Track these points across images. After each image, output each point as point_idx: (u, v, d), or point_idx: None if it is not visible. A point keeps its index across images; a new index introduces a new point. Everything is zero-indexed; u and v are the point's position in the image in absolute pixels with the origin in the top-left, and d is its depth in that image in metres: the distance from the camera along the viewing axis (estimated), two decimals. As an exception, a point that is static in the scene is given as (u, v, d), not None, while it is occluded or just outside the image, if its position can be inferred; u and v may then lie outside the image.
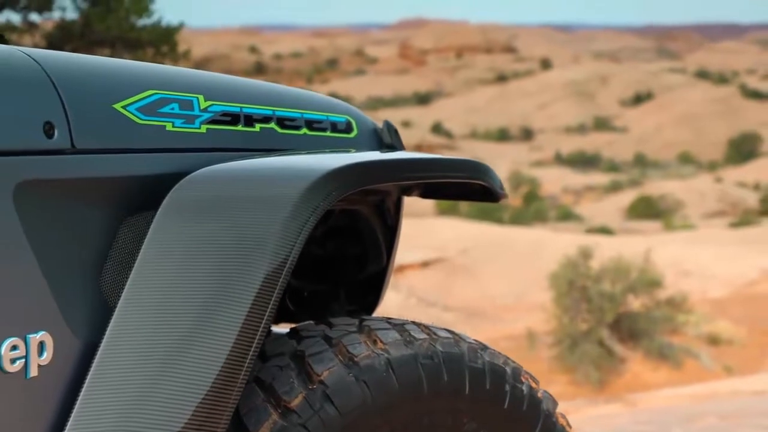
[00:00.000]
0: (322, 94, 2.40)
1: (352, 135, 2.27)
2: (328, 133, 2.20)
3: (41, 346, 1.58)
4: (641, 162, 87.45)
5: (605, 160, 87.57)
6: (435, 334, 2.00)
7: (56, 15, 10.77)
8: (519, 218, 45.06)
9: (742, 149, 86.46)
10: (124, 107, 1.77)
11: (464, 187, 2.26)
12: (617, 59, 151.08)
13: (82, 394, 1.63)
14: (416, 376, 1.90)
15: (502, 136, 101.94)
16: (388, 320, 2.06)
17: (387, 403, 1.87)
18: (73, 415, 1.62)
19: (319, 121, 2.19)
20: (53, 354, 1.59)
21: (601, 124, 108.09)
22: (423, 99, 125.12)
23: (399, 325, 2.01)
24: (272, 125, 2.06)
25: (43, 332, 1.58)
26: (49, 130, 1.64)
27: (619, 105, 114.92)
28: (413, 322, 2.08)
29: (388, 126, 2.40)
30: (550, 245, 21.30)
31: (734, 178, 70.21)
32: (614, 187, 68.36)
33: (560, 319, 14.09)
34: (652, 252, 15.68)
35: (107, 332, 1.65)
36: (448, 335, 2.02)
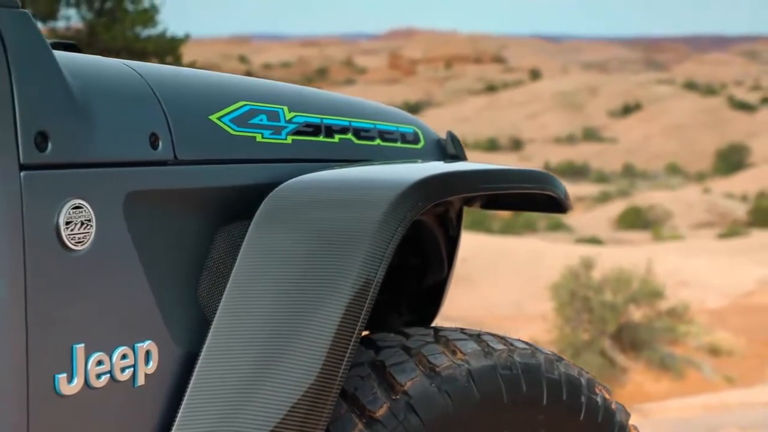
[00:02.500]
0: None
1: (419, 146, 2.29)
2: (398, 144, 2.22)
3: (147, 355, 1.61)
4: (630, 172, 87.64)
5: (594, 171, 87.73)
6: (512, 344, 2.01)
7: (61, 24, 10.78)
8: (509, 228, 45.06)
9: (730, 160, 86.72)
10: (219, 118, 1.80)
11: (528, 197, 2.28)
12: (606, 70, 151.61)
13: (184, 403, 1.65)
14: (496, 386, 1.91)
15: (492, 146, 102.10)
16: (462, 330, 2.07)
17: (468, 414, 1.88)
18: (176, 425, 1.63)
19: (390, 132, 2.21)
20: (158, 363, 1.61)
21: (590, 135, 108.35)
22: (413, 109, 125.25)
23: (475, 336, 2.03)
24: (349, 136, 2.08)
25: (149, 341, 1.61)
26: (154, 141, 1.66)
27: (608, 116, 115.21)
28: (488, 333, 2.09)
29: (452, 137, 2.42)
30: (547, 255, 21.33)
31: (722, 189, 70.38)
32: (603, 198, 68.44)
33: (562, 329, 14.10)
34: (649, 262, 15.72)
35: (207, 341, 1.67)
36: (525, 346, 2.03)
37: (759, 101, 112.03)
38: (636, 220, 53.17)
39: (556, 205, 2.27)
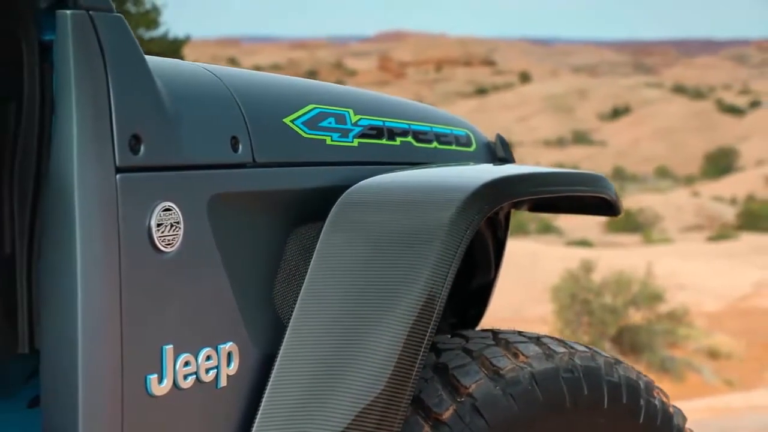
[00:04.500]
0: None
1: (472, 149, 2.31)
2: (453, 147, 2.23)
3: (229, 356, 1.62)
4: (619, 175, 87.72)
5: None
6: (572, 347, 2.02)
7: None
8: (501, 231, 45.00)
9: (719, 164, 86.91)
10: (292, 121, 1.81)
11: (579, 199, 2.29)
12: (595, 73, 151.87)
13: (262, 405, 1.66)
14: (558, 389, 1.92)
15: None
16: (520, 333, 2.08)
17: (531, 417, 1.89)
18: (255, 427, 1.64)
19: (445, 135, 2.23)
20: (238, 365, 1.62)
21: (580, 138, 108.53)
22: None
23: (535, 338, 2.04)
24: (409, 138, 2.09)
25: (231, 342, 1.62)
26: (235, 144, 1.68)
27: (598, 119, 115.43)
28: (547, 336, 2.10)
29: (501, 140, 2.43)
30: (543, 258, 21.34)
31: (711, 193, 70.50)
32: (593, 201, 68.36)
33: (562, 332, 14.10)
34: (643, 265, 15.74)
35: (284, 343, 1.68)
36: (585, 349, 2.04)
37: (747, 105, 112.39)
38: (626, 223, 53.19)
39: (608, 207, 2.28)
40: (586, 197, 2.24)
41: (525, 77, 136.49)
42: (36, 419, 1.61)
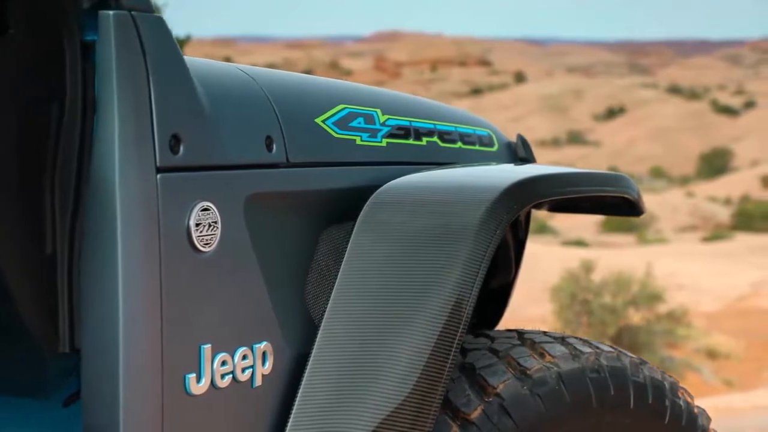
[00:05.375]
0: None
1: (494, 149, 2.31)
2: (477, 147, 2.24)
3: (264, 356, 1.62)
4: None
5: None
6: (598, 347, 2.03)
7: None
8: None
9: (713, 164, 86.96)
10: (323, 121, 1.82)
11: (601, 199, 2.29)
12: (590, 74, 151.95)
13: (296, 405, 1.66)
14: (585, 390, 1.92)
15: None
16: (545, 333, 2.09)
17: (558, 417, 1.90)
18: (289, 426, 1.64)
19: (469, 135, 2.23)
20: (272, 364, 1.63)
21: (575, 138, 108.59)
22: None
23: (560, 339, 2.04)
24: (435, 139, 2.10)
25: (266, 342, 1.63)
26: (269, 144, 1.68)
27: (593, 119, 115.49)
28: (571, 336, 2.10)
29: (522, 140, 2.43)
30: (541, 258, 21.36)
31: (705, 193, 70.52)
32: (589, 201, 68.43)
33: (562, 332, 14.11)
34: (639, 265, 15.74)
35: (317, 343, 1.69)
36: (610, 349, 2.05)
37: (742, 105, 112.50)
38: (621, 223, 53.19)
39: (631, 207, 2.28)
40: (608, 197, 2.25)
41: (520, 77, 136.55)
42: (72, 418, 1.62)
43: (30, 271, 1.44)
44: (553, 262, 18.32)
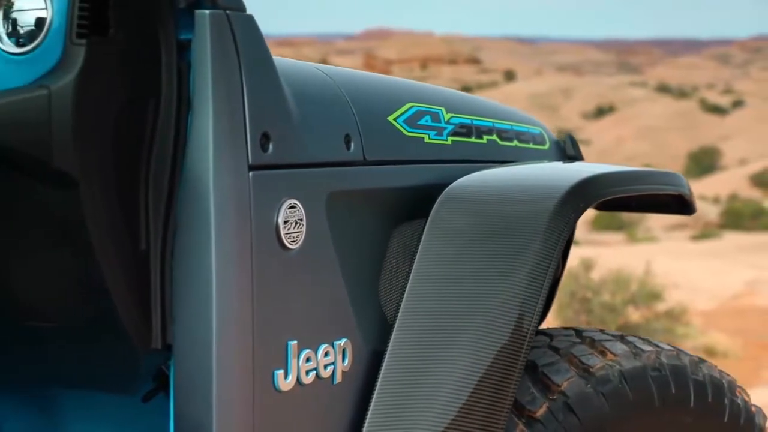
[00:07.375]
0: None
1: (545, 147, 2.33)
2: (531, 145, 2.26)
3: (344, 352, 1.64)
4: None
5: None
6: (657, 345, 2.04)
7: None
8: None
9: (702, 163, 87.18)
10: (395, 120, 1.83)
11: (654, 197, 2.31)
12: (580, 72, 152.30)
13: (374, 401, 1.67)
14: (647, 388, 1.93)
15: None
16: (602, 331, 2.10)
17: (621, 415, 1.91)
18: (366, 424, 1.65)
19: (524, 133, 2.25)
20: (351, 361, 1.64)
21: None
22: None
23: (619, 337, 2.05)
24: (494, 137, 2.12)
25: (345, 339, 1.64)
26: (348, 142, 1.70)
27: (582, 118, 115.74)
28: (630, 334, 2.12)
29: (571, 139, 2.45)
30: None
31: (694, 192, 70.35)
32: (578, 200, 68.57)
33: (561, 331, 14.17)
34: (633, 264, 15.80)
35: (392, 340, 1.71)
36: (670, 347, 2.06)
37: (730, 105, 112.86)
38: (610, 221, 53.35)
39: (683, 206, 2.30)
40: (660, 195, 2.27)
41: (510, 76, 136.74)
42: (152, 413, 1.62)
43: (125, 267, 1.45)
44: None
